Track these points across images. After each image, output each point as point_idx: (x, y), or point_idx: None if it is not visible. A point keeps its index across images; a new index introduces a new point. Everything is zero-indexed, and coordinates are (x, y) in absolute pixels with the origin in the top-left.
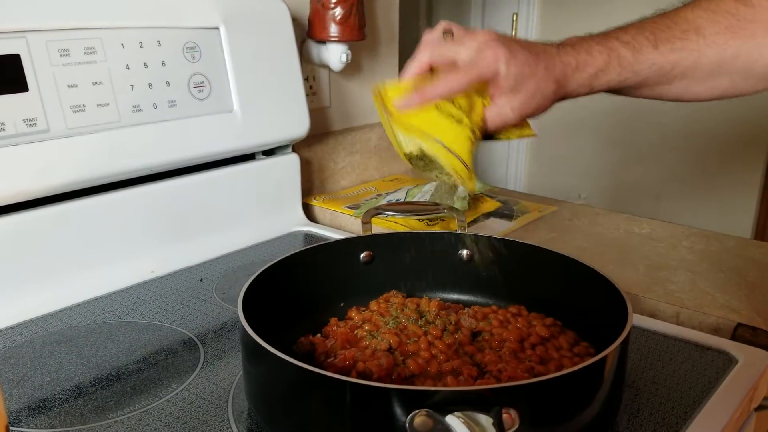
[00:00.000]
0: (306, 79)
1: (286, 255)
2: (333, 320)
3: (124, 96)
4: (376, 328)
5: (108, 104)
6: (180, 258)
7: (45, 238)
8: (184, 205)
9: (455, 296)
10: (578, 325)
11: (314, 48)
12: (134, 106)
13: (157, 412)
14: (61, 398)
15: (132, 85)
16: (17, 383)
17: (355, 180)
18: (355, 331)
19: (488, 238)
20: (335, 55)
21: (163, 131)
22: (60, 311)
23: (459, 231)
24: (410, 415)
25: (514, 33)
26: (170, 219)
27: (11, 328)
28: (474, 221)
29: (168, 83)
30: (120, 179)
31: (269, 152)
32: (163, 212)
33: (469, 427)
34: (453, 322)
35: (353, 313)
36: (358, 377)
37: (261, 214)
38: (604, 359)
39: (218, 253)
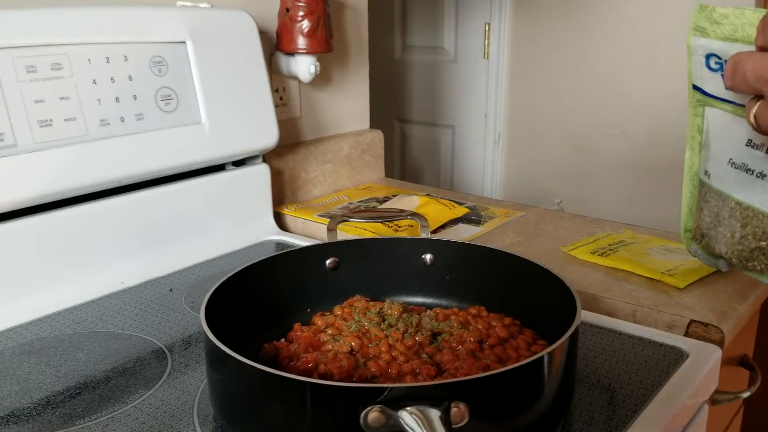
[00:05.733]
0: (276, 91)
1: (251, 263)
2: (297, 325)
3: (91, 110)
4: (339, 332)
5: (75, 118)
6: (150, 269)
7: (14, 252)
8: (154, 216)
9: (419, 299)
10: (537, 324)
11: (283, 60)
12: (102, 120)
13: (124, 418)
14: (29, 407)
15: (99, 100)
16: None
17: (328, 189)
18: (318, 336)
19: (449, 242)
20: (304, 66)
21: (130, 144)
22: (30, 323)
23: (422, 236)
24: (364, 412)
25: (486, 43)
26: (141, 230)
27: None
28: (442, 227)
29: (135, 97)
30: (88, 192)
31: (239, 163)
32: (133, 223)
33: (419, 420)
34: (414, 324)
35: (317, 319)
36: (319, 379)
37: (232, 224)
38: (549, 354)
39: (189, 263)
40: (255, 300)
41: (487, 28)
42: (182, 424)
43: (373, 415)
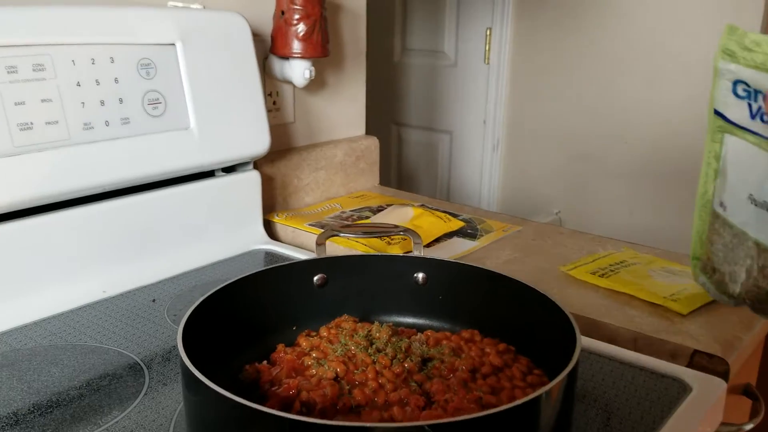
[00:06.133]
0: (269, 95)
1: (234, 279)
2: (280, 346)
3: (74, 113)
4: (324, 356)
5: (57, 122)
6: (134, 277)
7: None
8: (139, 223)
9: (410, 320)
10: (533, 351)
11: (277, 64)
12: (85, 124)
13: None
14: None
15: (83, 103)
16: None
17: (320, 197)
18: (302, 359)
19: (442, 261)
20: (298, 71)
21: (115, 149)
22: (4, 333)
23: (415, 253)
24: None
25: (487, 48)
26: (125, 237)
27: None
28: (437, 240)
29: (121, 100)
30: (70, 198)
31: (229, 169)
32: (117, 230)
33: None
34: (403, 350)
35: (302, 340)
36: (301, 407)
37: (220, 232)
38: (547, 393)
39: (174, 272)
40: (238, 317)
41: (488, 33)
42: None
43: None
